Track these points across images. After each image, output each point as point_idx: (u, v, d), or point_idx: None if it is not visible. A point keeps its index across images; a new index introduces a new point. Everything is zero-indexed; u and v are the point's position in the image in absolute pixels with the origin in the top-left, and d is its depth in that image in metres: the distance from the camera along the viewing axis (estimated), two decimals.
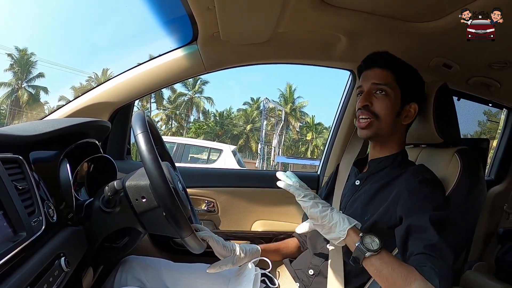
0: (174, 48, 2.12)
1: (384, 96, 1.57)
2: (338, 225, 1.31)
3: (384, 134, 1.61)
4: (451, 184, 1.55)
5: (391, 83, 1.58)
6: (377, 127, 1.58)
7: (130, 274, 1.67)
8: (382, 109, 1.56)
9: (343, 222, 1.31)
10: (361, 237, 1.27)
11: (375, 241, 1.26)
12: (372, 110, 1.57)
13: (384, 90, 1.57)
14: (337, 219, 1.32)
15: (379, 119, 1.57)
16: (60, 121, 1.47)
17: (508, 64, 2.04)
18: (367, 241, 1.26)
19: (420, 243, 1.28)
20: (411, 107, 1.61)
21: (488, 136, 3.63)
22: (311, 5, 1.66)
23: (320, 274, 1.61)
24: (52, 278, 1.06)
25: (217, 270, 1.56)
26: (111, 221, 1.40)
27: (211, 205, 2.44)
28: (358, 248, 1.26)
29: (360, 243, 1.26)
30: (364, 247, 1.25)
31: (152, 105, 49.88)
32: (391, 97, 1.57)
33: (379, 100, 1.57)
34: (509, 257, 2.39)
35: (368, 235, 1.27)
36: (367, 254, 1.24)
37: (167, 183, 1.21)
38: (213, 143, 18.88)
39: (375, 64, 1.62)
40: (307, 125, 55.67)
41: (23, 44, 76.92)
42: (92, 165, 1.72)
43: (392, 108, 1.57)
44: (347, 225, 1.30)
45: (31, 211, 1.08)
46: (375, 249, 1.25)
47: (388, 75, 1.59)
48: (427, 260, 1.23)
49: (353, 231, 1.30)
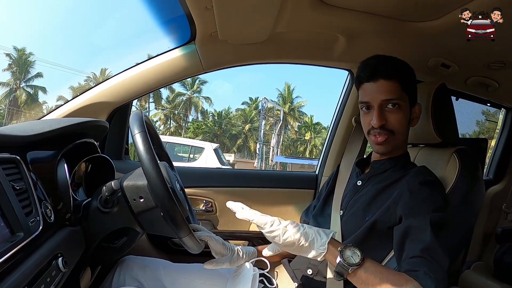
0: (172, 48, 2.12)
1: (397, 110, 1.51)
2: (316, 241, 1.25)
3: (399, 145, 1.60)
4: (449, 184, 1.55)
5: (400, 93, 1.51)
6: (394, 142, 1.56)
7: (128, 275, 1.66)
8: (396, 123, 1.52)
9: (319, 236, 1.26)
10: (340, 251, 1.23)
11: (355, 253, 1.22)
12: (388, 128, 1.53)
13: (397, 103, 1.51)
14: (312, 235, 1.26)
15: (395, 134, 1.54)
16: (58, 121, 1.46)
17: (507, 64, 2.04)
18: (347, 255, 1.22)
19: (417, 245, 1.27)
20: (416, 108, 1.60)
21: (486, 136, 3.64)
22: (309, 5, 1.66)
23: (319, 274, 1.60)
24: (50, 279, 1.05)
25: (214, 267, 1.54)
26: (109, 221, 1.39)
27: (209, 205, 2.44)
28: (339, 264, 1.22)
29: (340, 259, 1.21)
30: (346, 262, 1.21)
31: (151, 105, 49.95)
32: (403, 107, 1.52)
33: (392, 115, 1.52)
34: (508, 257, 2.40)
35: (347, 248, 1.23)
36: (350, 269, 1.21)
37: (164, 183, 1.20)
38: (196, 141, 18.92)
39: (381, 76, 1.51)
40: (305, 125, 55.69)
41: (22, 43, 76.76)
42: (90, 165, 1.72)
43: (405, 118, 1.55)
44: (325, 238, 1.25)
45: (29, 211, 1.08)
46: (357, 262, 1.21)
47: (397, 86, 1.51)
48: (422, 265, 1.22)
49: (332, 245, 1.25)
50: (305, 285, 1.63)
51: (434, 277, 1.18)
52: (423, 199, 1.39)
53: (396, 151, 1.62)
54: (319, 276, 1.59)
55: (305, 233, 1.25)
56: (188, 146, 16.12)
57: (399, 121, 1.51)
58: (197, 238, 1.32)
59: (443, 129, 1.67)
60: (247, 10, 1.68)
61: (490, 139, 3.36)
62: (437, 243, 1.26)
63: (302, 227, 1.27)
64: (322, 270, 1.59)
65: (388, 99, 1.50)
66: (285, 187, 2.60)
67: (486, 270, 2.52)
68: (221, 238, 1.57)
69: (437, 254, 1.24)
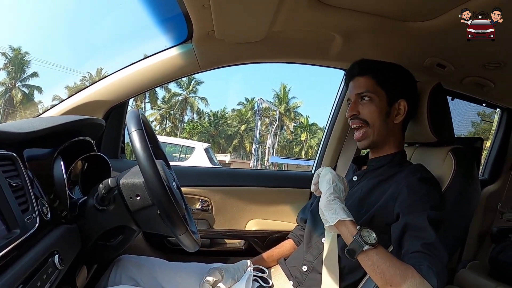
0: (168, 47, 2.11)
1: (369, 102, 1.63)
2: (337, 210, 1.34)
3: (380, 139, 1.65)
4: (445, 183, 1.56)
5: (373, 87, 1.64)
6: (371, 134, 1.64)
7: (124, 273, 1.66)
8: (368, 114, 1.62)
9: (342, 212, 1.33)
10: (359, 229, 1.27)
11: (372, 234, 1.26)
12: (361, 118, 1.64)
13: (367, 96, 1.64)
14: (337, 206, 1.35)
15: (370, 125, 1.63)
16: (55, 118, 1.46)
17: (502, 64, 2.05)
18: (364, 234, 1.26)
19: (418, 241, 1.28)
20: (400, 104, 1.64)
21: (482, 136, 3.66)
22: (306, 4, 1.66)
23: (314, 270, 1.61)
24: (46, 276, 1.05)
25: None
26: (105, 219, 1.39)
27: (205, 204, 2.44)
28: (355, 240, 1.26)
29: (358, 235, 1.26)
30: (362, 239, 1.25)
31: (147, 105, 49.85)
32: (376, 101, 1.63)
33: (364, 107, 1.64)
34: (503, 256, 2.41)
35: (365, 229, 1.27)
36: (365, 247, 1.24)
37: (161, 181, 1.21)
38: (187, 141, 18.89)
39: (355, 74, 1.70)
40: (301, 126, 55.77)
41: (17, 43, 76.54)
42: (87, 163, 1.72)
43: (379, 110, 1.62)
44: (345, 216, 1.32)
45: (25, 208, 1.08)
46: (373, 243, 1.24)
47: (368, 80, 1.65)
48: (424, 259, 1.23)
49: (351, 222, 1.31)
50: (300, 282, 1.64)
51: (436, 271, 1.20)
52: (421, 196, 1.41)
53: (387, 148, 1.68)
54: (314, 272, 1.61)
55: (335, 202, 1.36)
56: (179, 145, 16.09)
57: (371, 112, 1.62)
58: (193, 236, 1.32)
59: (438, 128, 1.68)
60: (244, 9, 1.68)
61: (486, 140, 3.36)
62: (437, 239, 1.28)
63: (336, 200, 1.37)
64: (317, 266, 1.61)
65: (360, 92, 1.66)
66: (281, 186, 2.59)
67: (482, 269, 2.53)
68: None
69: (437, 250, 1.26)
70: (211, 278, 1.59)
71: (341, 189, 1.42)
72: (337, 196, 1.38)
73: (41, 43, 75.87)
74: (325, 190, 1.40)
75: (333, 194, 1.37)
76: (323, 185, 1.43)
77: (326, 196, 1.38)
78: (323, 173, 1.48)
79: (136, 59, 2.12)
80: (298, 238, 1.94)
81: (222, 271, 1.64)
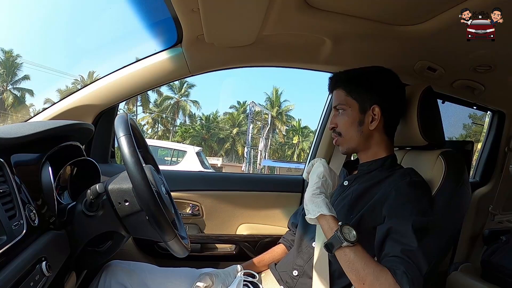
0: (158, 51, 2.11)
1: (342, 114, 1.69)
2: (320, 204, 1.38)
3: (355, 145, 1.69)
4: (435, 186, 1.57)
5: (344, 99, 1.68)
6: (344, 142, 1.70)
7: (113, 279, 1.65)
8: (342, 126, 1.69)
9: (325, 207, 1.37)
10: (340, 225, 1.30)
11: (352, 232, 1.29)
12: (337, 131, 1.71)
13: (341, 109, 1.69)
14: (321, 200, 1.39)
15: (342, 135, 1.68)
16: (43, 123, 1.45)
17: (492, 67, 2.07)
18: (345, 231, 1.29)
19: (398, 246, 1.30)
20: (374, 110, 1.64)
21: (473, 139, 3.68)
22: (296, 8, 1.66)
23: (305, 275, 1.61)
24: (33, 283, 1.04)
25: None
26: (94, 225, 1.38)
27: (196, 209, 2.43)
28: (335, 235, 1.29)
29: (339, 231, 1.28)
30: (342, 236, 1.27)
31: (139, 108, 49.79)
32: (348, 112, 1.67)
33: (339, 119, 1.70)
34: (495, 258, 2.42)
35: (346, 226, 1.30)
36: (344, 243, 1.27)
37: (149, 186, 1.20)
38: (179, 144, 18.96)
39: (330, 88, 1.77)
40: (293, 129, 55.84)
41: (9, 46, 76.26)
42: (76, 169, 1.71)
43: (350, 121, 1.66)
44: (327, 211, 1.36)
45: (12, 214, 1.07)
46: (352, 241, 1.27)
47: (340, 93, 1.70)
48: (401, 264, 1.25)
49: (332, 218, 1.35)
50: (291, 286, 1.64)
51: (411, 278, 1.22)
52: (408, 200, 1.42)
53: (374, 152, 1.69)
54: (305, 277, 1.61)
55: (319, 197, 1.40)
56: (171, 149, 16.08)
57: (343, 123, 1.68)
58: (182, 242, 1.31)
59: (429, 131, 1.68)
60: (234, 13, 1.68)
61: (477, 142, 3.38)
62: (417, 246, 1.29)
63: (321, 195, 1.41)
64: (307, 271, 1.61)
65: (335, 105, 1.73)
66: (272, 191, 2.59)
67: (474, 271, 2.55)
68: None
69: (416, 257, 1.27)
70: (202, 284, 1.59)
71: (329, 184, 1.46)
72: (323, 191, 1.42)
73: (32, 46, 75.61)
74: (312, 183, 1.44)
75: (320, 188, 1.41)
76: (313, 177, 1.47)
77: (312, 189, 1.42)
78: (316, 164, 1.53)
79: (127, 63, 2.11)
80: (290, 243, 1.94)
81: (212, 276, 1.64)
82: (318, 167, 1.50)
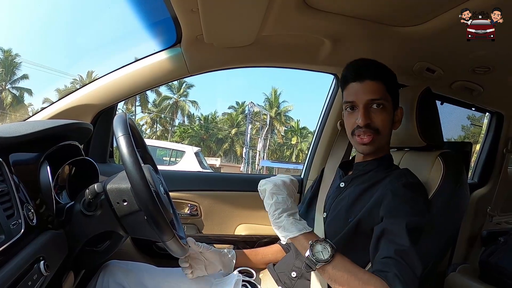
0: (157, 51, 2.11)
1: (382, 110, 1.55)
2: (287, 227, 1.31)
3: (384, 145, 1.63)
4: (433, 187, 1.57)
5: (385, 94, 1.56)
6: (378, 142, 1.58)
7: (111, 279, 1.64)
8: (382, 123, 1.55)
9: (294, 227, 1.31)
10: (311, 245, 1.26)
11: (326, 248, 1.25)
12: (373, 127, 1.55)
13: (382, 104, 1.55)
14: (288, 221, 1.32)
15: (380, 133, 1.56)
16: (42, 123, 1.45)
17: (491, 68, 2.07)
18: (317, 250, 1.25)
19: (392, 247, 1.28)
20: (399, 111, 1.62)
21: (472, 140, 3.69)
22: (295, 8, 1.66)
23: (303, 277, 1.60)
24: (31, 282, 1.04)
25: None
26: (92, 225, 1.38)
27: (194, 209, 2.43)
28: (308, 258, 1.25)
29: (310, 253, 1.25)
30: (314, 257, 1.24)
31: (137, 108, 49.75)
32: (388, 109, 1.57)
33: (377, 115, 1.55)
34: (493, 259, 2.43)
35: (319, 243, 1.26)
36: (318, 265, 1.24)
37: (148, 186, 1.20)
38: (177, 144, 18.90)
39: (366, 77, 1.56)
40: (292, 129, 55.84)
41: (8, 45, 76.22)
42: (74, 168, 1.70)
43: (389, 120, 1.58)
44: (295, 232, 1.30)
45: (10, 214, 1.07)
46: (326, 259, 1.23)
47: (381, 86, 1.55)
48: (394, 266, 1.23)
49: (304, 237, 1.29)
50: (289, 287, 1.63)
51: (404, 280, 1.20)
52: (404, 201, 1.40)
53: (379, 152, 1.64)
54: (303, 278, 1.60)
55: (283, 217, 1.32)
56: (169, 149, 16.06)
57: (383, 120, 1.55)
58: (180, 242, 1.31)
59: (427, 132, 1.69)
60: (233, 13, 1.68)
61: (475, 143, 3.39)
62: (411, 247, 1.27)
63: (284, 214, 1.33)
64: (306, 273, 1.59)
65: (373, 99, 1.54)
66: None
67: (472, 272, 2.56)
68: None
69: (409, 258, 1.25)
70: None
71: (284, 199, 1.36)
72: (281, 209, 1.34)
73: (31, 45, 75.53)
74: (268, 209, 1.36)
75: (277, 210, 1.33)
76: (265, 204, 1.39)
77: (271, 215, 1.35)
78: (261, 189, 1.44)
79: (126, 63, 2.11)
80: (287, 244, 1.93)
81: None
82: (262, 192, 1.43)
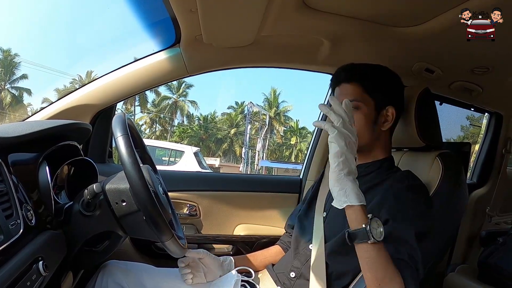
0: (156, 51, 2.11)
1: (356, 111, 1.54)
2: (349, 192, 1.22)
3: (365, 144, 1.60)
4: (432, 188, 1.56)
5: (361, 95, 1.57)
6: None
7: (110, 279, 1.64)
8: (355, 123, 1.44)
9: (355, 195, 1.21)
10: (370, 219, 1.19)
11: (379, 229, 1.19)
12: None
13: (356, 106, 1.55)
14: (350, 187, 1.22)
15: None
16: (41, 123, 1.44)
17: (490, 69, 2.07)
18: (373, 226, 1.19)
19: (404, 249, 1.27)
20: (388, 111, 1.61)
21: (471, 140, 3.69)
22: (294, 9, 1.66)
23: (302, 277, 1.60)
24: (30, 283, 1.04)
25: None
26: (91, 225, 1.38)
27: (193, 209, 2.43)
28: (363, 230, 1.18)
29: (368, 226, 1.18)
30: (370, 232, 1.17)
31: (137, 108, 49.74)
32: (364, 109, 1.57)
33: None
34: (492, 259, 2.42)
35: (375, 219, 1.20)
36: (370, 240, 1.17)
37: (147, 186, 1.20)
38: (176, 144, 18.90)
39: (342, 80, 1.62)
40: (291, 130, 55.87)
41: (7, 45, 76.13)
42: (73, 168, 1.70)
43: (366, 120, 1.57)
44: (356, 202, 1.21)
45: (9, 214, 1.06)
46: (378, 238, 1.18)
47: (356, 88, 1.58)
48: (407, 269, 1.23)
49: (361, 208, 1.21)
50: (288, 287, 1.63)
51: (414, 283, 1.21)
52: (408, 204, 1.39)
53: (374, 153, 1.65)
54: (302, 278, 1.60)
55: (345, 180, 1.22)
56: (169, 149, 16.07)
57: (357, 121, 1.46)
58: (179, 242, 1.31)
59: (426, 133, 1.68)
60: (232, 14, 1.68)
61: (474, 144, 3.39)
62: (418, 251, 1.28)
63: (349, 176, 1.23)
64: (305, 272, 1.60)
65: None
66: (269, 191, 2.59)
67: (471, 273, 2.55)
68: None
69: (417, 263, 1.26)
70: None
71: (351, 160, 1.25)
72: (348, 171, 1.23)
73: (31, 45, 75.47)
74: (333, 165, 1.24)
75: (343, 170, 1.22)
76: (331, 157, 1.25)
77: (336, 172, 1.23)
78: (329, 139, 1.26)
79: (126, 63, 2.11)
80: (286, 245, 1.93)
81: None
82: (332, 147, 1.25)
